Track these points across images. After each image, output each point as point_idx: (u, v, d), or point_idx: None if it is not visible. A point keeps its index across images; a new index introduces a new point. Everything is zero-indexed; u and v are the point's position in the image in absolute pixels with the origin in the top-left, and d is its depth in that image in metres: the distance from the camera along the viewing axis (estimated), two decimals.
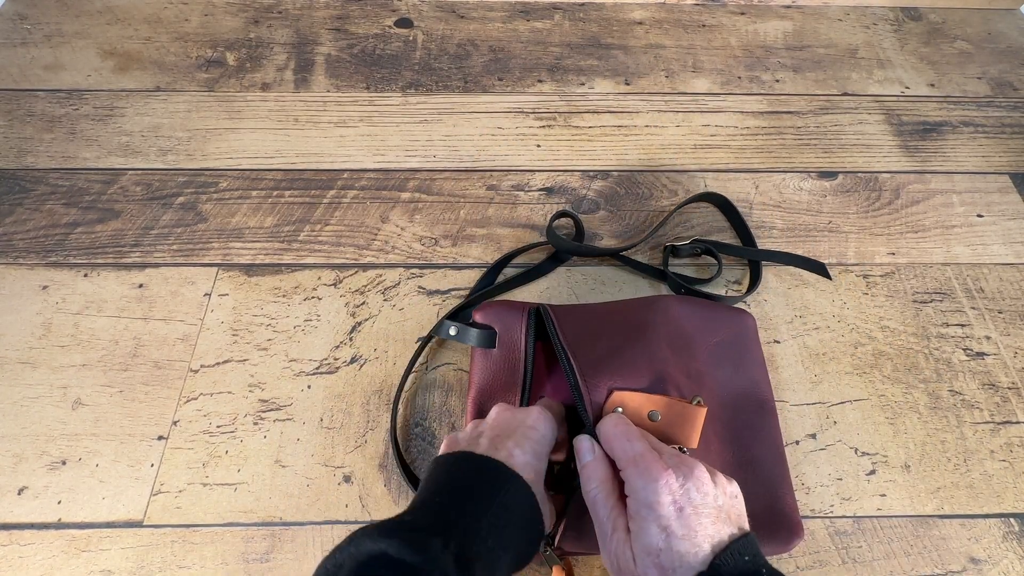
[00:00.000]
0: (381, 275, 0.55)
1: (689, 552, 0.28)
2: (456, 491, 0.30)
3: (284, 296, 0.53)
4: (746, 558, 0.28)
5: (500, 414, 0.36)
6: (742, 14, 0.80)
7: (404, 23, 0.77)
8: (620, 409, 0.36)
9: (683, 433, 0.36)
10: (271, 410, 0.47)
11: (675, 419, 0.36)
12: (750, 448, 0.43)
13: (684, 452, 0.35)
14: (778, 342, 0.52)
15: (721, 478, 0.32)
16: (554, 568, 0.36)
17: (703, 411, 0.36)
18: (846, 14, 0.80)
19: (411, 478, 0.43)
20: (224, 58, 0.71)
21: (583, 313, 0.44)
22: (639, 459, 0.31)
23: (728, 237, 0.58)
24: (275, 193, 0.60)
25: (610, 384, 0.37)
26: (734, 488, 0.32)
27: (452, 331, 0.46)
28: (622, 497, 0.32)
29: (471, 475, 0.31)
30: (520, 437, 0.34)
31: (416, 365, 0.49)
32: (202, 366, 0.49)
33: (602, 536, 0.32)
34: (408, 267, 0.55)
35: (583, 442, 0.35)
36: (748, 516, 0.32)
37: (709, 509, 0.30)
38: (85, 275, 0.54)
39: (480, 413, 0.43)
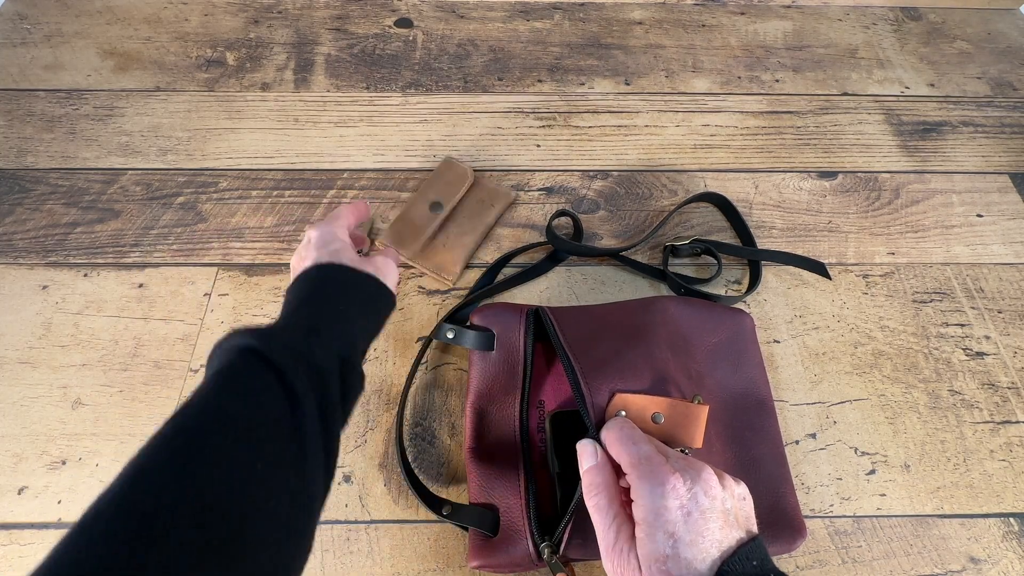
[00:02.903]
0: None
1: (696, 559, 0.27)
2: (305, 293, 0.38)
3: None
4: (754, 563, 0.28)
5: (315, 233, 0.43)
6: (742, 14, 0.80)
7: (404, 23, 0.77)
8: (623, 412, 0.35)
9: (687, 434, 0.36)
10: None
11: (679, 420, 0.36)
12: (752, 448, 0.43)
13: (687, 453, 0.35)
14: (778, 342, 0.52)
15: (728, 480, 0.31)
16: (557, 575, 0.35)
17: (706, 409, 0.36)
18: (846, 14, 0.80)
19: (413, 479, 0.43)
20: (224, 58, 0.71)
21: (581, 315, 0.44)
22: (645, 462, 0.31)
23: (728, 237, 0.58)
24: (275, 193, 0.60)
25: (612, 386, 0.36)
26: (742, 489, 0.32)
27: (450, 334, 0.46)
28: (625, 503, 0.32)
29: (313, 278, 0.39)
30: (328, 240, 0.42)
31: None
32: (202, 366, 0.49)
33: (604, 544, 0.31)
34: (408, 267, 0.55)
35: (586, 447, 0.34)
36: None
37: (717, 513, 0.29)
38: (85, 275, 0.54)
39: (479, 417, 0.43)
